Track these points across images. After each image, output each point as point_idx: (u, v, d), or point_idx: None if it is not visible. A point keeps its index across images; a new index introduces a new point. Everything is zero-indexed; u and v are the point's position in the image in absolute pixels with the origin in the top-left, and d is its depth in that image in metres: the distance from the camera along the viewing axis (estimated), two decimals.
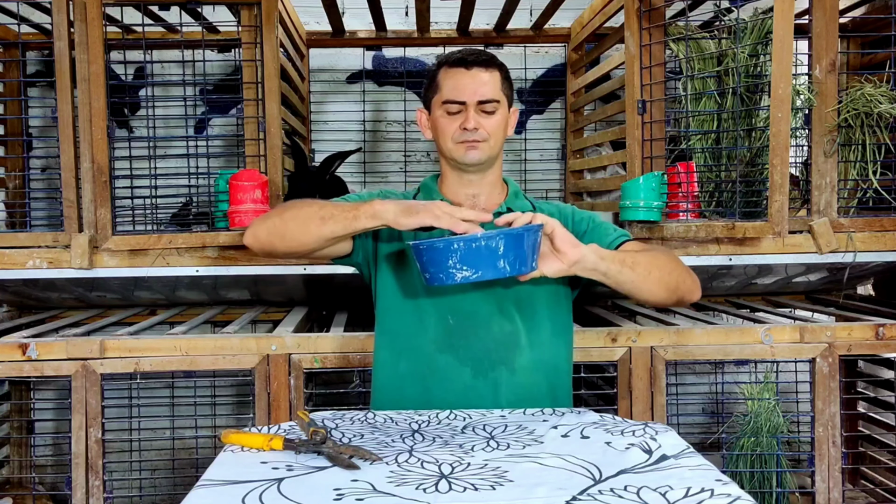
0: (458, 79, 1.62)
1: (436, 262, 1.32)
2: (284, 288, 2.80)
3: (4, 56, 2.98)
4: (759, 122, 2.33)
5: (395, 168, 3.44)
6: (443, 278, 1.31)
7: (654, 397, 2.20)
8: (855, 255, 2.28)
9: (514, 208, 1.68)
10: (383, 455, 1.23)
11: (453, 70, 1.62)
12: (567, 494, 1.05)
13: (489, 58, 1.65)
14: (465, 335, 1.62)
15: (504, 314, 1.63)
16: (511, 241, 1.30)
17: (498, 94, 1.63)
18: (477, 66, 1.62)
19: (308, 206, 1.55)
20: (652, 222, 2.27)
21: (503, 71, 1.66)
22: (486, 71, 1.62)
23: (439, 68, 1.66)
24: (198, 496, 1.07)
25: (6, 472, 2.90)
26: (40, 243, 2.29)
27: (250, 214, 2.21)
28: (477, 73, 1.61)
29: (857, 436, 2.91)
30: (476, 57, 1.63)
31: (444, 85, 1.63)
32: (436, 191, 1.73)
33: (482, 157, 1.63)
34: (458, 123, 1.61)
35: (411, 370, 1.64)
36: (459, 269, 1.29)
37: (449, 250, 1.30)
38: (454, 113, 1.62)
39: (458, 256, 1.28)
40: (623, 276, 1.49)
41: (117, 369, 2.16)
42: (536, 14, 3.15)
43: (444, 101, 1.62)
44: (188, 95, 3.10)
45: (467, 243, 1.29)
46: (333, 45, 3.29)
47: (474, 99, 1.60)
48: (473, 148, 1.62)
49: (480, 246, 1.28)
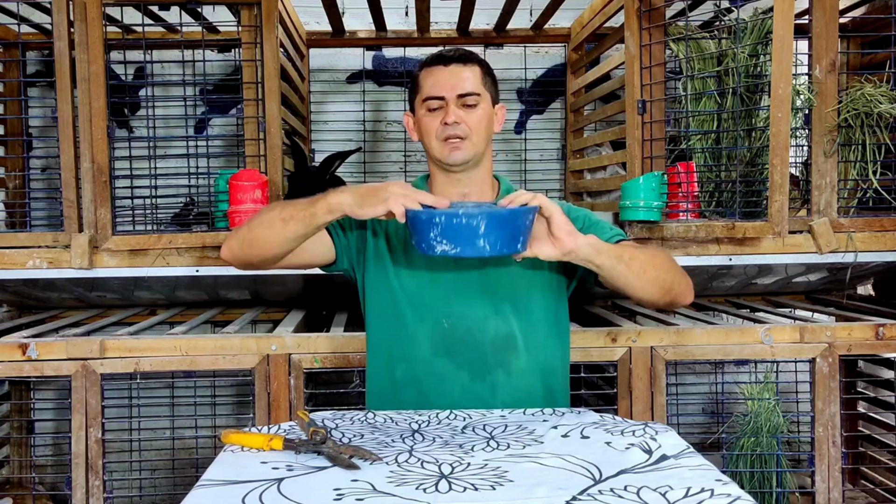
0: (437, 76, 1.62)
1: (419, 232, 1.33)
2: (284, 288, 2.80)
3: (4, 56, 2.98)
4: (759, 122, 2.33)
5: (395, 168, 3.44)
6: (425, 248, 1.33)
7: (654, 397, 2.20)
8: (856, 256, 2.28)
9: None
10: (383, 455, 1.23)
11: (432, 68, 1.64)
12: (567, 494, 1.05)
13: (467, 54, 1.66)
14: (461, 338, 1.61)
15: (500, 315, 1.62)
16: (494, 221, 1.29)
17: (478, 88, 1.63)
18: (455, 62, 1.63)
19: (271, 209, 1.54)
20: (652, 222, 2.27)
21: (483, 66, 1.67)
22: (465, 66, 1.63)
23: (420, 69, 1.67)
24: (198, 496, 1.07)
25: (6, 472, 2.90)
26: (40, 243, 2.29)
27: (250, 214, 2.21)
28: (455, 69, 1.62)
29: (857, 436, 2.91)
30: (454, 53, 1.64)
31: (423, 84, 1.64)
32: (426, 189, 1.72)
33: (466, 156, 1.63)
34: (439, 120, 1.61)
35: (407, 375, 1.63)
36: (440, 243, 1.30)
37: (431, 223, 1.30)
38: (435, 109, 1.62)
39: (438, 230, 1.29)
40: (617, 271, 1.47)
41: (117, 369, 2.16)
42: (536, 14, 3.15)
43: (425, 98, 1.63)
44: (188, 95, 3.10)
45: (448, 218, 1.29)
46: (333, 45, 3.29)
47: (454, 93, 1.61)
48: (457, 148, 1.62)
49: (461, 223, 1.28)
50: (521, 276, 1.64)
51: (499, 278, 1.63)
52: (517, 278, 1.64)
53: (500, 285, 1.63)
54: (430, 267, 1.64)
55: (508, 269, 1.63)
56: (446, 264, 1.63)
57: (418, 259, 1.64)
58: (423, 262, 1.64)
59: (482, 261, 1.62)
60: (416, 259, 1.64)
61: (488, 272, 1.63)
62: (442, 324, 1.61)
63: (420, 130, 1.67)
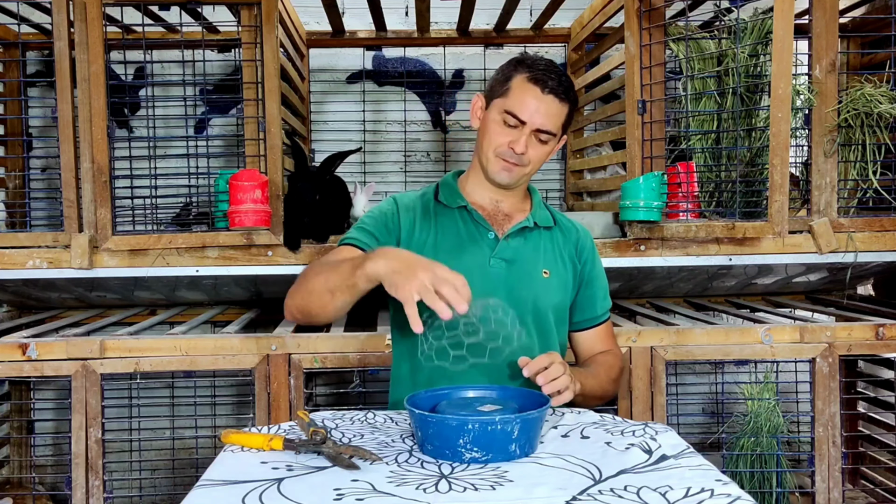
0: (530, 97, 1.56)
1: (443, 438, 1.21)
2: (284, 288, 2.79)
3: (4, 56, 2.97)
4: (759, 122, 2.33)
5: (395, 168, 3.44)
6: (449, 455, 1.21)
7: (654, 397, 2.20)
8: (856, 255, 2.28)
9: (539, 221, 1.68)
10: (383, 455, 1.23)
11: (529, 86, 1.57)
12: (567, 494, 1.05)
13: (566, 89, 1.59)
14: (482, 345, 1.59)
15: (524, 325, 1.60)
16: (527, 424, 1.23)
17: (557, 128, 1.60)
18: (553, 94, 1.57)
19: (317, 274, 1.49)
20: (652, 222, 2.27)
21: (574, 105, 1.63)
22: (559, 103, 1.58)
23: (517, 72, 1.59)
24: (198, 496, 1.07)
25: (6, 472, 2.90)
26: (40, 243, 2.29)
27: (250, 214, 2.21)
28: (550, 102, 1.57)
29: (857, 436, 2.91)
30: (556, 84, 1.57)
31: (513, 93, 1.58)
32: (456, 189, 1.70)
33: (513, 180, 1.62)
34: (508, 139, 1.58)
35: (428, 381, 1.59)
36: (469, 450, 1.20)
37: (462, 430, 1.19)
38: (510, 126, 1.58)
39: (470, 437, 1.19)
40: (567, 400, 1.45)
41: (117, 369, 2.16)
42: (536, 14, 3.15)
43: (506, 110, 1.58)
44: (188, 95, 3.10)
45: (483, 425, 1.19)
46: (333, 45, 3.29)
47: (535, 124, 1.57)
48: (509, 170, 1.60)
49: (496, 430, 1.19)
50: (544, 293, 1.64)
51: (523, 290, 1.62)
52: (540, 294, 1.64)
53: (525, 297, 1.62)
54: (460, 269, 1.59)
55: (534, 284, 1.63)
56: (475, 267, 1.59)
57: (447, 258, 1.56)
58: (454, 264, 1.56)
59: (510, 270, 1.62)
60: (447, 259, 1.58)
61: (514, 283, 1.62)
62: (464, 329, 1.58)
63: (484, 129, 1.63)
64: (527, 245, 1.66)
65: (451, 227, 1.66)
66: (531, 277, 1.64)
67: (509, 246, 1.64)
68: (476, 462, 1.20)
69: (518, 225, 1.66)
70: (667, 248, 2.33)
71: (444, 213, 1.68)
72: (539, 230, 1.68)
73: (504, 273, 1.62)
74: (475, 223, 1.66)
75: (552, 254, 1.68)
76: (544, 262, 1.66)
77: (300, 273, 1.59)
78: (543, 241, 1.68)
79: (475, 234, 1.65)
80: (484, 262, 1.62)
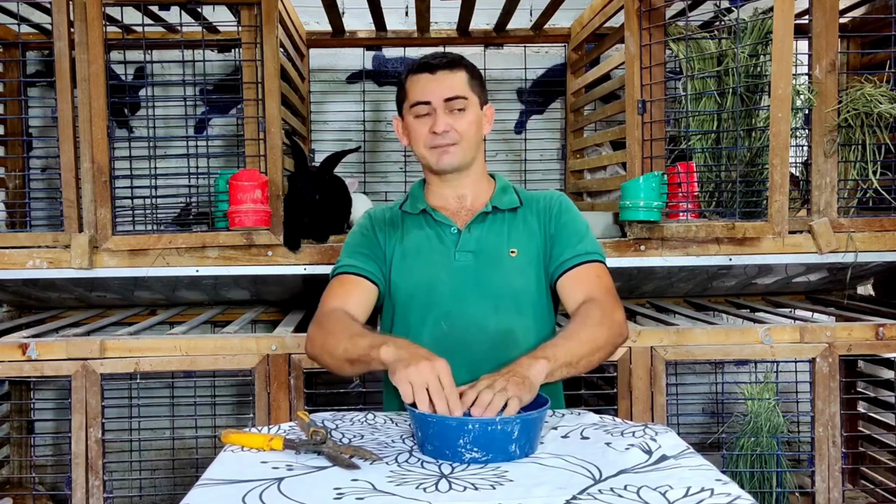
0: (424, 83, 1.63)
1: (443, 438, 1.23)
2: (284, 288, 2.80)
3: (4, 56, 2.97)
4: (759, 122, 2.33)
5: (395, 168, 3.44)
6: (449, 455, 1.22)
7: (654, 397, 2.20)
8: (856, 255, 2.28)
9: (499, 205, 1.69)
10: (383, 455, 1.23)
11: (418, 75, 1.64)
12: (567, 494, 1.05)
13: (454, 59, 1.66)
14: (460, 338, 1.61)
15: (500, 312, 1.62)
16: (527, 424, 1.24)
17: (465, 91, 1.63)
18: (441, 69, 1.63)
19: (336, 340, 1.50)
20: (652, 222, 2.27)
21: (470, 70, 1.67)
22: (452, 72, 1.63)
23: (406, 76, 1.67)
24: (198, 494, 1.07)
25: (6, 472, 2.90)
26: (40, 243, 2.29)
27: (250, 214, 2.21)
28: (442, 77, 1.63)
29: (857, 436, 2.91)
30: (440, 60, 1.64)
31: (410, 90, 1.65)
32: (421, 198, 1.73)
33: (455, 161, 1.64)
34: (427, 127, 1.62)
35: None
36: (469, 451, 1.21)
37: (462, 430, 1.21)
38: (423, 115, 1.63)
39: (470, 437, 1.20)
40: (567, 374, 1.45)
41: (117, 369, 2.16)
42: (536, 14, 3.14)
43: (413, 103, 1.64)
44: (188, 95, 3.10)
45: (483, 426, 1.20)
46: (333, 45, 3.29)
47: (440, 98, 1.61)
48: (445, 153, 1.63)
49: (496, 430, 1.21)
50: (516, 273, 1.65)
51: (493, 276, 1.64)
52: (511, 276, 1.64)
53: (496, 283, 1.63)
54: (427, 269, 1.65)
55: (503, 267, 1.64)
56: (442, 266, 1.65)
57: (414, 261, 1.66)
58: (421, 266, 1.66)
59: (477, 260, 1.63)
60: (413, 262, 1.67)
61: (483, 271, 1.64)
62: (441, 326, 1.62)
63: (409, 136, 1.68)
64: (490, 231, 1.67)
65: (415, 231, 1.70)
66: (498, 261, 1.64)
67: (472, 237, 1.66)
68: (476, 462, 1.20)
69: (476, 214, 1.68)
70: (667, 248, 2.33)
71: (410, 220, 1.72)
72: (503, 213, 1.69)
73: (472, 264, 1.64)
74: (437, 223, 1.69)
75: (521, 233, 1.68)
76: (512, 243, 1.67)
77: (317, 317, 1.61)
78: (508, 223, 1.69)
79: (439, 232, 1.68)
80: (449, 257, 1.65)
